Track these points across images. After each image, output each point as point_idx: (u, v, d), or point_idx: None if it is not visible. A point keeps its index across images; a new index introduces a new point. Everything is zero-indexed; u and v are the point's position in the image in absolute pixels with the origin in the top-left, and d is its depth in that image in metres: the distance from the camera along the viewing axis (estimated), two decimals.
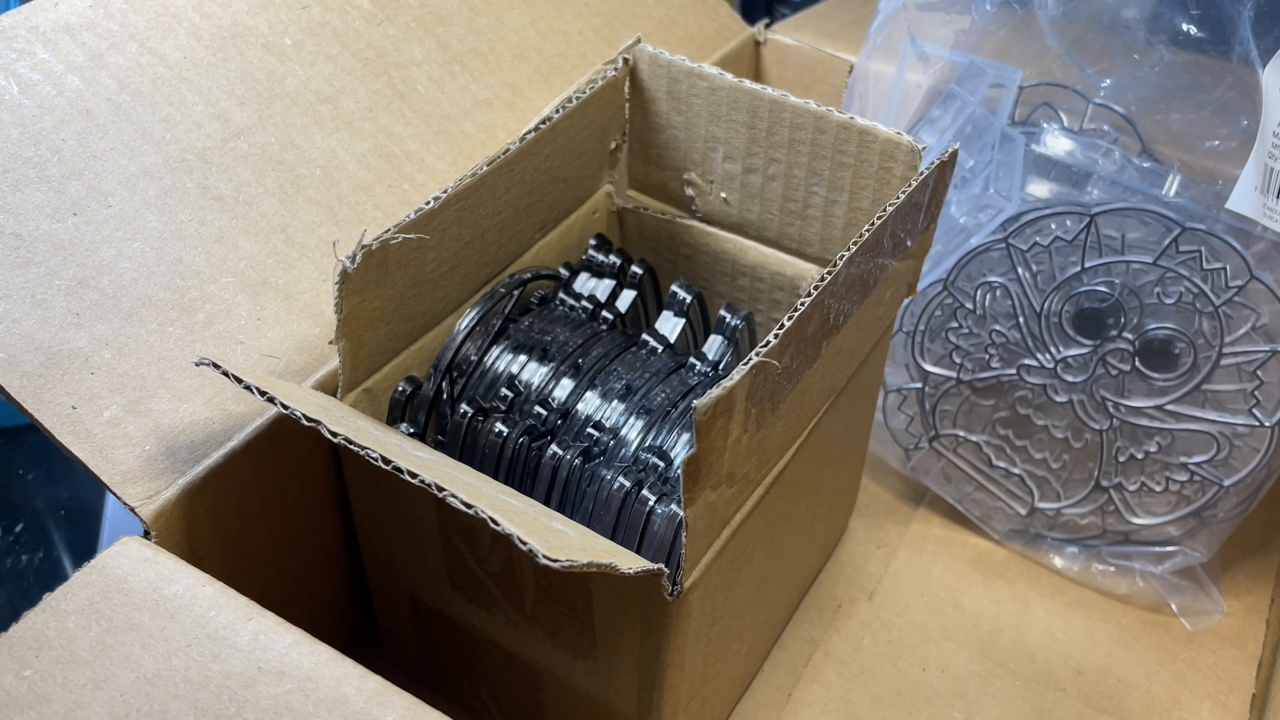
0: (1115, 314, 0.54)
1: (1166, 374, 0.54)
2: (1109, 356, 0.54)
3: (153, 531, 0.40)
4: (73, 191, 0.43)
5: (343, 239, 0.40)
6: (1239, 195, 0.52)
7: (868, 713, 0.54)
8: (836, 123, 0.48)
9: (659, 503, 0.41)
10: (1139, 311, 0.54)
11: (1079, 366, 0.55)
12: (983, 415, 0.59)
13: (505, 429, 0.44)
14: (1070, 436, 0.57)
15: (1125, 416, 0.56)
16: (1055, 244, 0.54)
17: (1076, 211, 0.53)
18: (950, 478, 0.61)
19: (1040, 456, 0.58)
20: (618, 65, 0.51)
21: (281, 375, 0.44)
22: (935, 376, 0.58)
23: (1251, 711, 0.55)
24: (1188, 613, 0.59)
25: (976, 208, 0.55)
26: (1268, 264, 0.52)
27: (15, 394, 0.39)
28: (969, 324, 0.57)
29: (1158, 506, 0.57)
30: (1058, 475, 0.59)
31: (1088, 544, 0.60)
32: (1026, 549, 0.61)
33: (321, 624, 0.39)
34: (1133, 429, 0.56)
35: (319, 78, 0.51)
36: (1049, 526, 0.60)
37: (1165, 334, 0.53)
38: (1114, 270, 0.54)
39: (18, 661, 0.33)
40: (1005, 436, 0.59)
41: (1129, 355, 0.54)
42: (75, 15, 0.46)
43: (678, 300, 0.51)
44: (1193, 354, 0.53)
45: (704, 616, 0.41)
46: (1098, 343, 0.55)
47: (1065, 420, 0.57)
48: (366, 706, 0.33)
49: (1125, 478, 0.57)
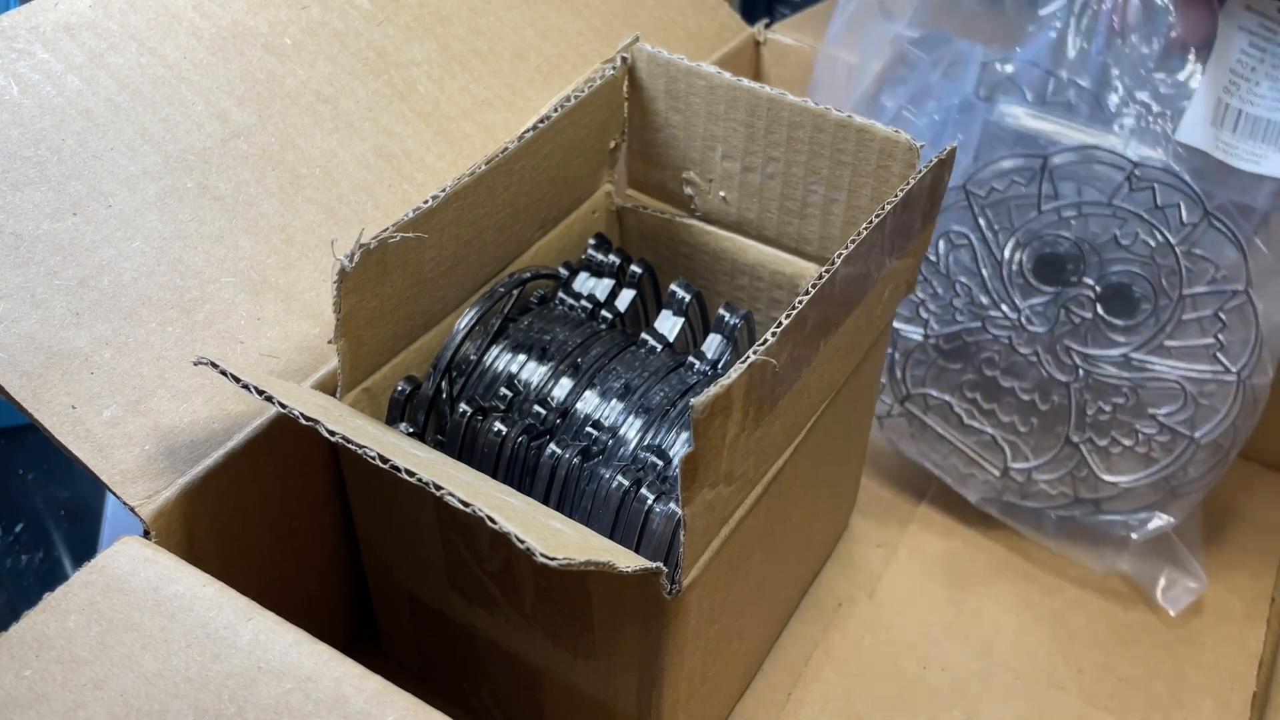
0: (1075, 260, 0.54)
1: (1129, 319, 0.54)
2: (1071, 304, 0.55)
3: (153, 531, 0.40)
4: (72, 191, 0.43)
5: (342, 239, 0.40)
6: (1188, 127, 0.52)
7: (868, 712, 0.54)
8: (835, 121, 0.48)
9: (658, 501, 0.41)
10: (1099, 256, 0.54)
11: (1042, 315, 0.56)
12: (951, 379, 0.59)
13: (504, 428, 0.44)
14: (1037, 398, 0.58)
15: (1090, 368, 0.56)
16: (1013, 190, 0.54)
17: (1031, 154, 0.54)
18: (922, 440, 0.62)
19: (1008, 420, 0.59)
20: (616, 64, 0.51)
21: (281, 375, 0.44)
22: (904, 338, 0.59)
23: (1252, 711, 0.55)
24: (1169, 590, 0.59)
25: None
26: (1225, 213, 0.53)
27: (15, 394, 0.39)
28: (934, 280, 0.57)
29: (1129, 465, 0.57)
30: (1026, 439, 0.59)
31: (1061, 514, 0.60)
32: (1003, 517, 0.61)
33: (321, 624, 0.39)
34: (1099, 383, 0.56)
35: (319, 78, 0.51)
36: (1022, 495, 0.60)
37: (1125, 277, 0.54)
38: (1072, 214, 0.54)
39: (18, 661, 0.33)
40: (973, 400, 0.59)
41: (1090, 301, 0.55)
42: (75, 15, 0.46)
43: (677, 299, 0.51)
44: (1154, 298, 0.54)
45: (703, 615, 0.41)
46: (1059, 289, 0.55)
47: (1031, 381, 0.57)
48: (366, 706, 0.33)
49: (1095, 433, 0.57)
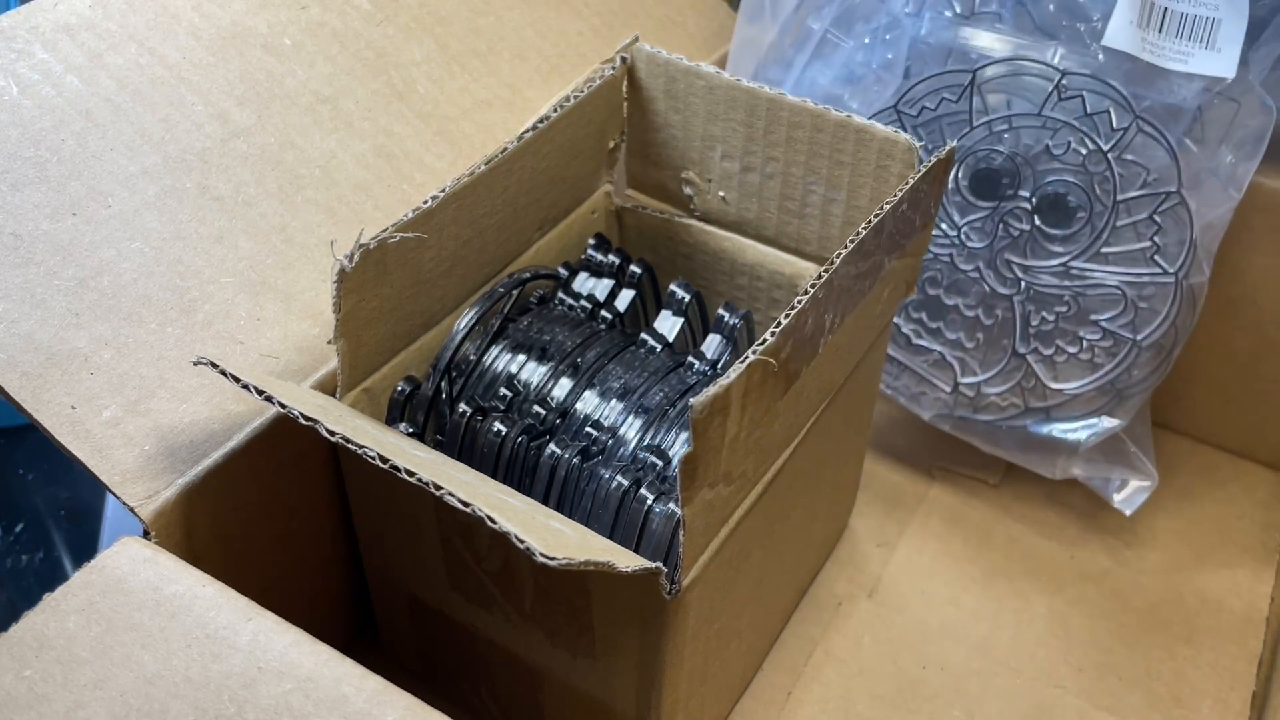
0: (1010, 174, 0.54)
1: (1066, 229, 0.55)
2: (1008, 217, 0.55)
3: (152, 531, 0.40)
4: (72, 191, 0.43)
5: (342, 239, 0.40)
6: (1114, 30, 0.52)
7: (868, 711, 0.54)
8: (834, 121, 0.48)
9: (657, 501, 0.41)
10: (1032, 168, 0.54)
11: (981, 230, 0.56)
12: None
13: (504, 428, 0.44)
14: (981, 314, 0.58)
15: (1031, 279, 0.56)
16: (944, 107, 0.55)
17: (960, 70, 0.54)
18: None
19: (954, 337, 0.59)
20: (615, 64, 0.51)
21: (281, 375, 0.44)
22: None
23: (1252, 710, 0.55)
24: (1122, 490, 0.59)
25: (869, 96, 0.56)
26: (1155, 115, 0.53)
27: (15, 394, 0.39)
28: None
29: (1074, 373, 0.58)
30: (973, 354, 0.59)
31: (1012, 424, 0.60)
32: (956, 432, 0.62)
33: (321, 624, 0.39)
34: (1040, 294, 0.56)
35: (318, 78, 0.51)
36: (973, 409, 0.60)
37: (1060, 187, 0.54)
38: (1003, 127, 0.54)
39: (18, 661, 0.33)
40: (919, 319, 0.60)
41: (1027, 214, 0.55)
42: (75, 16, 0.46)
43: (676, 299, 0.51)
44: (1089, 206, 0.54)
45: (702, 615, 0.41)
46: (996, 204, 0.55)
47: (975, 297, 0.58)
48: (366, 706, 0.33)
49: (1040, 343, 0.58)
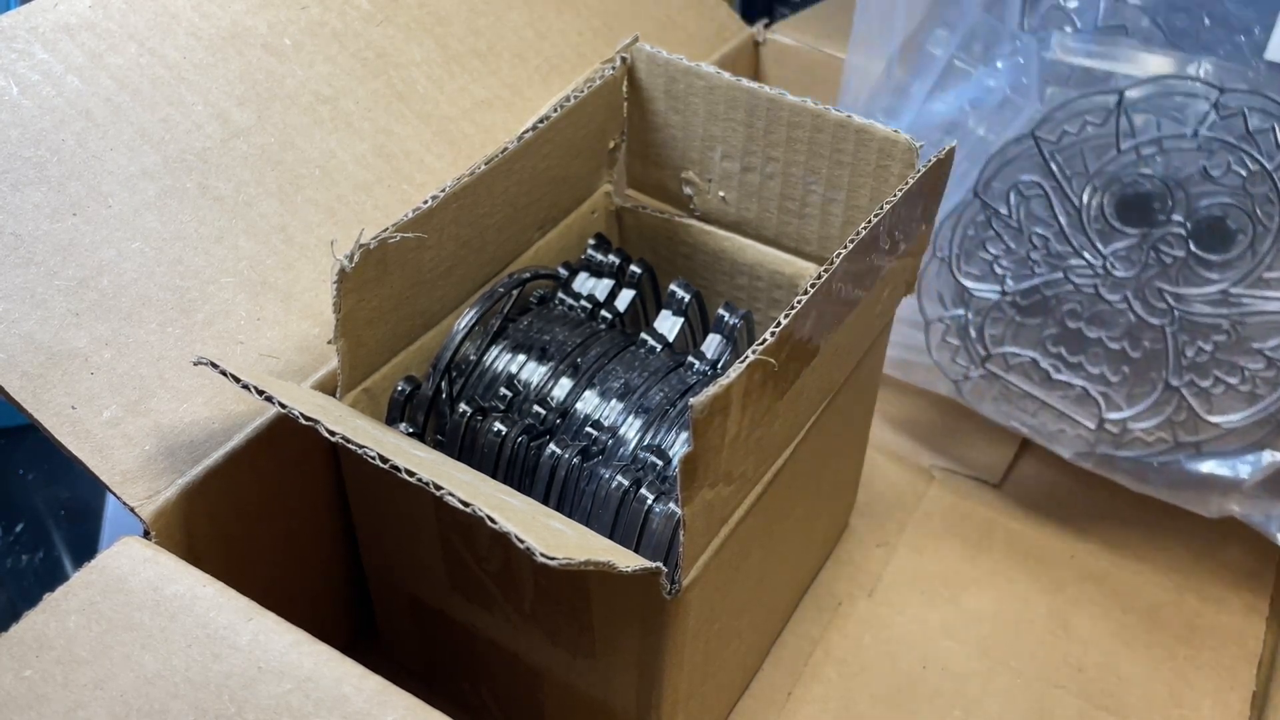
0: (1162, 197, 0.49)
1: (1224, 254, 0.49)
2: (1160, 244, 0.50)
3: (153, 531, 0.40)
4: (72, 191, 0.43)
5: (342, 239, 0.40)
6: (1277, 45, 0.48)
7: (868, 711, 0.54)
8: (834, 121, 0.48)
9: (657, 501, 0.41)
10: (1186, 190, 0.49)
11: (1128, 259, 0.51)
12: (1031, 335, 0.54)
13: (504, 428, 0.44)
14: (1127, 346, 0.53)
15: (1185, 307, 0.51)
16: (1086, 132, 0.50)
17: (1105, 92, 0.49)
18: (1008, 401, 0.57)
19: (1098, 371, 0.54)
20: (615, 64, 0.51)
21: (281, 375, 0.44)
22: (978, 298, 0.54)
23: (1252, 710, 0.55)
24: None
25: (999, 121, 0.52)
26: None
27: (15, 394, 0.39)
28: (1006, 235, 0.53)
29: (1234, 404, 0.52)
30: (1119, 389, 0.54)
31: (1161, 460, 0.55)
32: (1099, 470, 0.57)
33: (321, 624, 0.39)
34: (1194, 323, 0.51)
35: (318, 78, 0.51)
36: (1117, 445, 0.55)
37: (1219, 209, 0.49)
38: (1154, 150, 0.49)
39: (18, 661, 0.33)
40: (1058, 354, 0.54)
41: (1182, 239, 0.50)
42: (75, 16, 0.46)
43: (676, 299, 0.51)
44: (1251, 228, 0.49)
45: (703, 615, 0.41)
46: (1146, 230, 0.50)
47: (1120, 328, 0.53)
48: (366, 706, 0.33)
49: (1196, 374, 0.52)
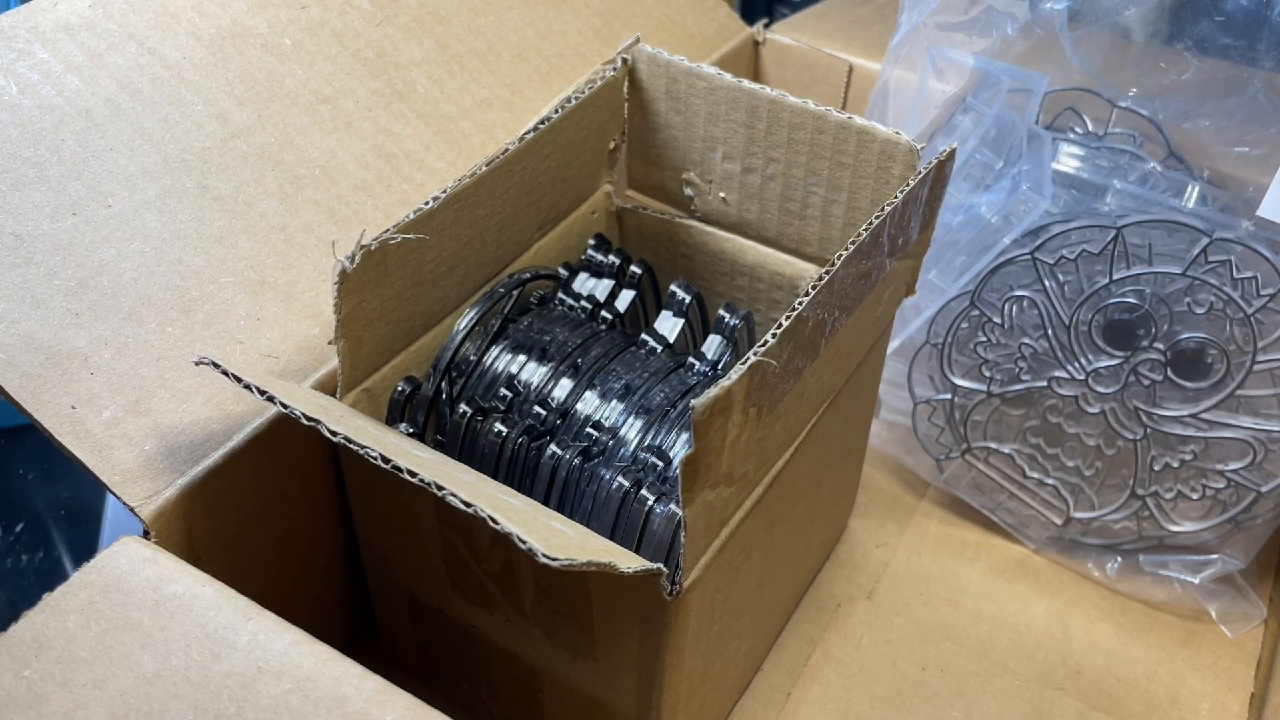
0: (1145, 324, 0.53)
1: (1199, 382, 0.53)
2: (1140, 367, 0.54)
3: (152, 531, 0.40)
4: (72, 191, 0.43)
5: (342, 239, 0.40)
6: (1271, 204, 0.51)
7: (867, 712, 0.54)
8: (835, 122, 0.48)
9: (658, 502, 0.41)
10: (1169, 321, 0.53)
11: (1110, 377, 0.55)
12: (1013, 425, 0.58)
13: (504, 429, 0.44)
14: (1102, 444, 0.57)
15: (1158, 425, 0.55)
16: (1082, 256, 0.53)
17: (1103, 225, 0.52)
18: (983, 488, 0.61)
19: (1072, 464, 0.58)
20: (616, 65, 0.51)
21: (281, 375, 0.44)
22: (964, 389, 0.58)
23: (1250, 711, 0.55)
24: (1227, 619, 0.58)
25: (1007, 209, 0.54)
26: None
27: (15, 394, 0.39)
28: (997, 336, 0.56)
29: (1194, 513, 0.57)
30: (1090, 482, 0.58)
31: (1124, 550, 0.59)
32: (1062, 557, 0.61)
33: (321, 624, 0.39)
34: (1166, 437, 0.55)
35: (318, 78, 0.51)
36: (1084, 532, 0.59)
37: (1197, 343, 0.53)
38: (1143, 281, 0.53)
39: (18, 661, 0.33)
40: (1036, 445, 0.58)
41: (1160, 365, 0.53)
42: (75, 15, 0.46)
43: (677, 300, 0.51)
44: (1225, 362, 0.53)
45: (703, 616, 0.41)
46: (1128, 353, 0.54)
47: (1098, 429, 0.56)
48: (366, 706, 0.33)
49: (1160, 485, 0.56)
